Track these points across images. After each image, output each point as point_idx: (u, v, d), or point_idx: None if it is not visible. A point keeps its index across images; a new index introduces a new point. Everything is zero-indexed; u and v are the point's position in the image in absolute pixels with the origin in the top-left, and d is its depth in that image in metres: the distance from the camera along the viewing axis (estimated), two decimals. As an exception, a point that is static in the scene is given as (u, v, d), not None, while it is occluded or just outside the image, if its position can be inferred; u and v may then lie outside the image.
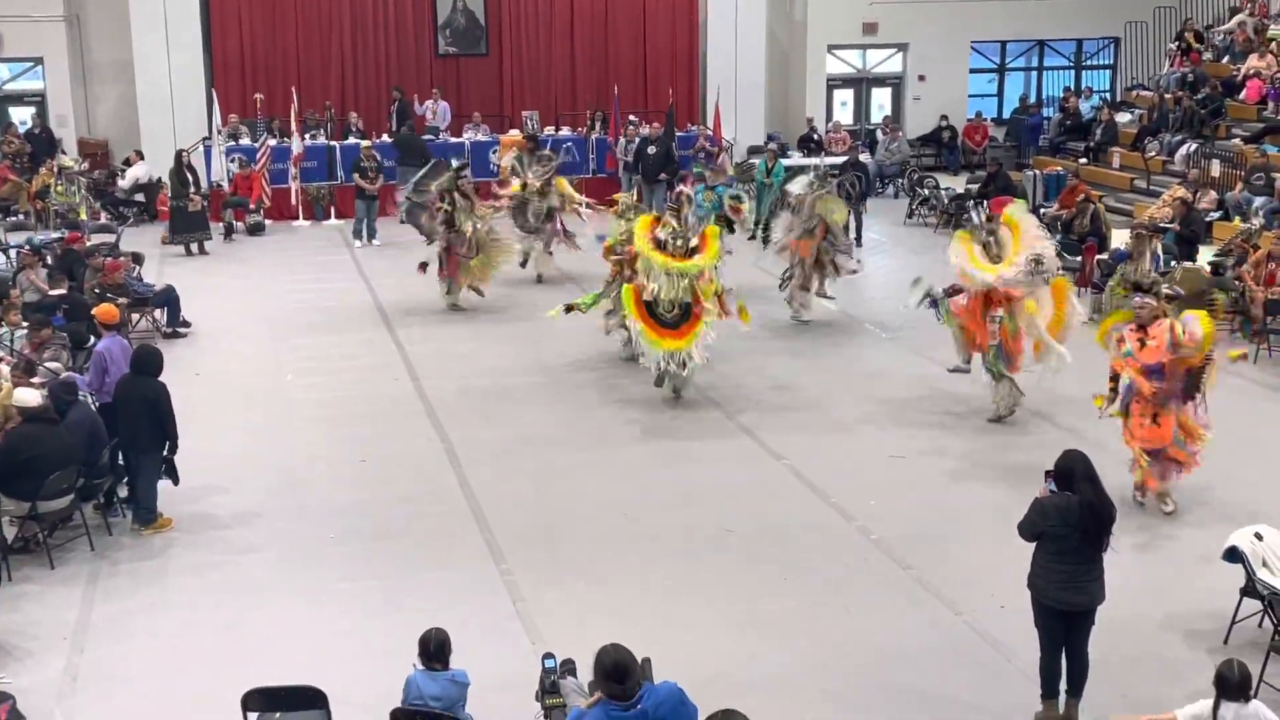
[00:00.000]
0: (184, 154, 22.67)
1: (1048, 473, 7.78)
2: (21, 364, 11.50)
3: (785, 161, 24.82)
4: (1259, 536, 8.73)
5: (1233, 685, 6.02)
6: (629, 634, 6.78)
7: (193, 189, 22.16)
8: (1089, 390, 14.03)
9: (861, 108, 30.80)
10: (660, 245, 13.41)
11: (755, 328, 15.59)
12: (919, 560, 10.02)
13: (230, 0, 26.41)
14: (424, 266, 17.93)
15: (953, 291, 13.27)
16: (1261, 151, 21.73)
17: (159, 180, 24.05)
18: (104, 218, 22.97)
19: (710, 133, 26.32)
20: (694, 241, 13.53)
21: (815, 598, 9.48)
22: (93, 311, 12.44)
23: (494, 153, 25.10)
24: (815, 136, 28.54)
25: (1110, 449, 11.68)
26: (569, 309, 14.84)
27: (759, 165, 23.02)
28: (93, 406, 11.15)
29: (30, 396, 10.26)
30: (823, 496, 11.35)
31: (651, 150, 23.79)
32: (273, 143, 24.37)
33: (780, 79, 29.72)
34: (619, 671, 5.84)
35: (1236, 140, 23.06)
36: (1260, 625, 8.64)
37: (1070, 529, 7.48)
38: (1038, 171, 25.73)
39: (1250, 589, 8.60)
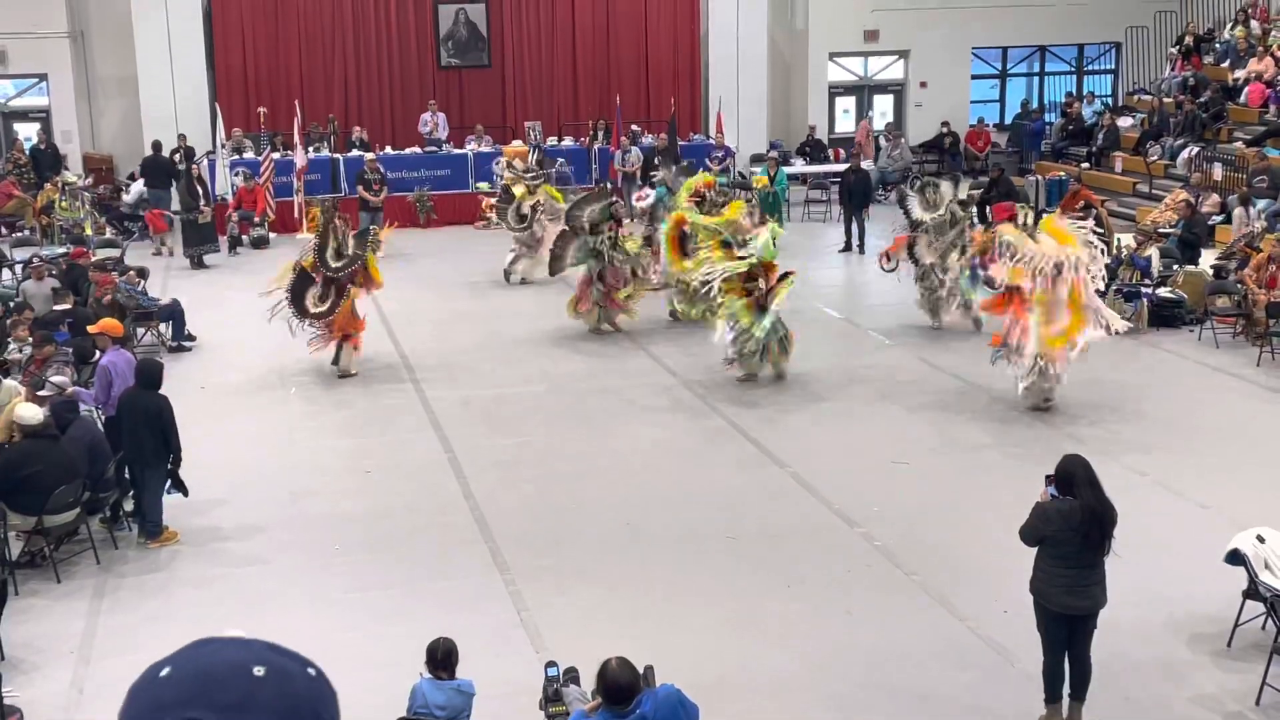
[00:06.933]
0: (193, 167, 22.82)
1: (1048, 477, 7.79)
2: (32, 378, 11.57)
3: (787, 170, 24.94)
4: (1261, 539, 8.73)
5: None
6: (632, 640, 6.82)
7: (203, 202, 22.29)
8: (1088, 397, 14.11)
9: (863, 115, 30.82)
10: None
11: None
12: (922, 565, 10.03)
13: (233, 15, 26.57)
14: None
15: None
16: (1263, 154, 21.75)
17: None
18: (109, 232, 23.07)
19: (724, 142, 26.39)
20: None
21: (818, 602, 9.50)
22: (89, 329, 12.49)
23: (496, 164, 25.19)
24: (815, 139, 28.63)
25: (1110, 453, 11.73)
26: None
27: (761, 172, 23.12)
28: (99, 421, 11.19)
29: (31, 413, 10.27)
30: (825, 502, 11.37)
31: (658, 161, 23.85)
32: (276, 156, 24.46)
33: (782, 87, 29.79)
34: (619, 693, 5.87)
35: (1238, 144, 23.09)
36: (1264, 628, 8.63)
37: (1072, 533, 7.48)
38: (1040, 177, 25.81)
39: (1253, 592, 8.60)
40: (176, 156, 24.15)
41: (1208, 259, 18.52)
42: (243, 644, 1.92)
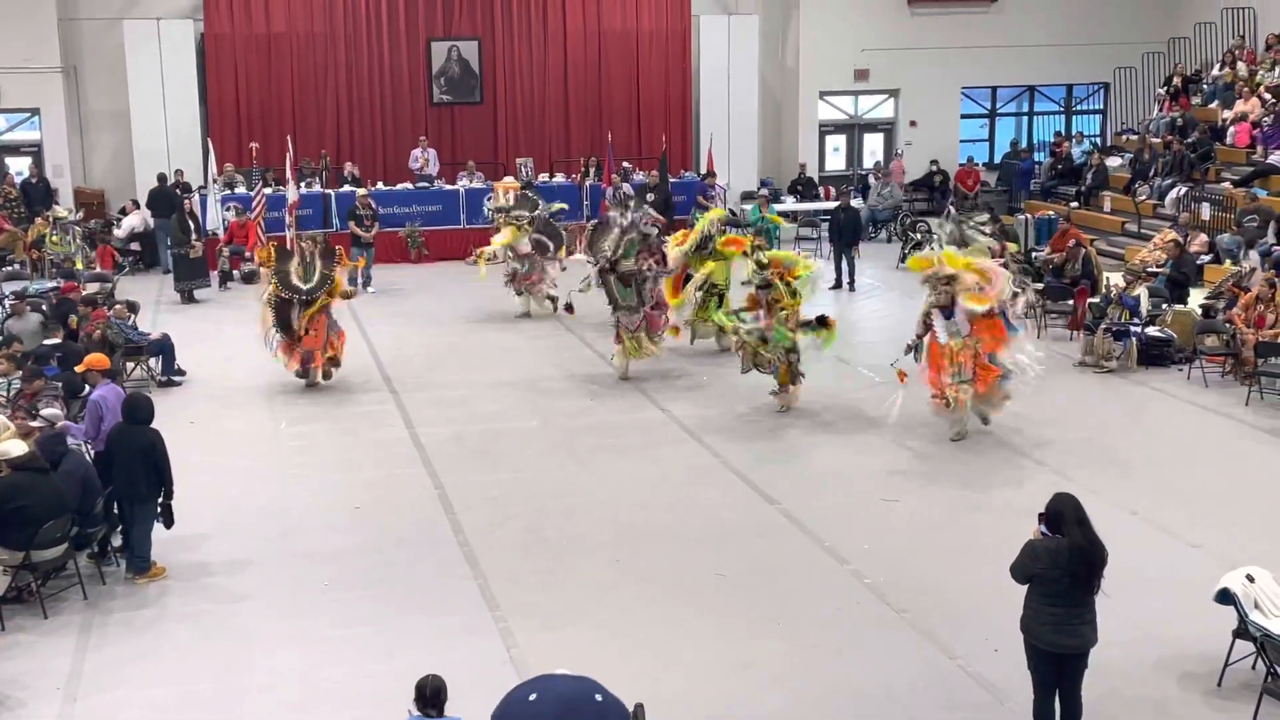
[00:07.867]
0: (185, 201, 22.88)
1: (1041, 515, 7.81)
2: (22, 411, 11.53)
3: (777, 207, 25.06)
4: (1250, 578, 8.74)
5: None
6: (623, 678, 6.77)
7: (194, 236, 22.32)
8: (1077, 436, 14.13)
9: (853, 153, 31.02)
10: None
11: (747, 375, 15.62)
12: (912, 603, 10.02)
13: (226, 50, 26.68)
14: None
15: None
16: (1253, 195, 21.88)
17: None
18: (99, 267, 23.05)
19: (715, 181, 26.49)
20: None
21: (808, 641, 9.48)
22: (77, 369, 12.46)
23: (488, 200, 25.26)
24: (806, 177, 28.77)
25: (1100, 492, 11.74)
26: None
27: (752, 209, 23.22)
28: (89, 455, 11.14)
29: (14, 447, 10.21)
30: (815, 539, 11.36)
31: (650, 198, 23.93)
32: (268, 191, 24.49)
33: (773, 125, 29.97)
34: None
35: (1226, 184, 23.23)
36: (1254, 667, 8.64)
37: (1060, 572, 7.49)
38: (1029, 215, 25.90)
39: (1243, 631, 8.60)
40: (177, 190, 24.24)
41: (1196, 298, 18.59)
42: (578, 678, 2.74)
